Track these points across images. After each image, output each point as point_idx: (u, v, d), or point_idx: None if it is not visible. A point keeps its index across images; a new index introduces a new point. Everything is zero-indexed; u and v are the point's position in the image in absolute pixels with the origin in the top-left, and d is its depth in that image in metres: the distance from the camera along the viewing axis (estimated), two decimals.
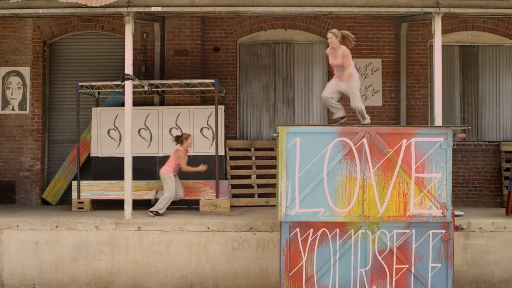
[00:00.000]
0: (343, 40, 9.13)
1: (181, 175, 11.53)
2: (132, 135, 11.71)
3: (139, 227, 9.74)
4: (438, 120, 9.86)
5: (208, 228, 9.73)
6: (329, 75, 12.41)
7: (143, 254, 9.68)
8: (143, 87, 11.23)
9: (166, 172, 10.58)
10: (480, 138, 12.56)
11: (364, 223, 8.73)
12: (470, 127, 10.54)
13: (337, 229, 8.77)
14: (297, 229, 8.75)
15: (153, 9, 9.84)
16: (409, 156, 8.73)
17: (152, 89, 11.33)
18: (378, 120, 12.27)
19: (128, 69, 9.91)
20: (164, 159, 11.80)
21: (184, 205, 11.60)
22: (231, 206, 11.71)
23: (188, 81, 11.11)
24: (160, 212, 10.42)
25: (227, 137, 12.12)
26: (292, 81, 12.45)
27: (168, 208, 11.46)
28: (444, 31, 12.46)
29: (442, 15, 9.88)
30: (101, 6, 9.71)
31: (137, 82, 10.41)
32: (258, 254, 9.69)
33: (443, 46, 12.46)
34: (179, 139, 10.59)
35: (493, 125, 12.60)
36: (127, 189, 9.97)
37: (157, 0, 9.81)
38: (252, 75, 12.49)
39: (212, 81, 11.02)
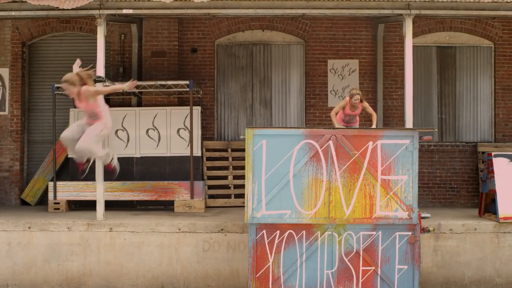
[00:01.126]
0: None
1: (159, 176, 11.65)
2: (109, 136, 11.88)
3: (110, 228, 9.80)
4: (409, 122, 9.88)
5: (179, 229, 9.79)
6: (306, 76, 12.46)
7: (114, 255, 9.74)
8: None
9: None
10: (458, 139, 12.57)
11: (330, 225, 8.78)
12: (436, 129, 10.54)
13: (304, 231, 8.82)
14: (264, 231, 8.81)
15: (124, 11, 9.91)
16: (375, 159, 8.77)
17: (127, 90, 11.34)
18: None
19: (100, 71, 9.96)
20: (141, 160, 11.90)
21: (161, 206, 11.67)
22: (208, 207, 11.78)
23: (163, 82, 11.17)
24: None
25: (204, 138, 12.17)
26: (269, 82, 12.48)
27: (143, 209, 11.57)
28: (422, 32, 12.51)
29: (413, 16, 9.91)
30: (72, 9, 9.77)
31: (109, 83, 10.44)
32: (229, 255, 9.73)
33: (421, 47, 12.61)
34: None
35: (470, 126, 12.61)
36: (99, 190, 10.03)
37: (129, 3, 9.88)
38: (230, 76, 12.53)
39: (187, 82, 11.07)
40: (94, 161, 8.87)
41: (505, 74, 12.51)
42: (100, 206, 10.01)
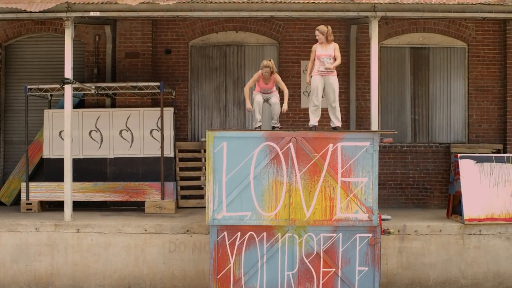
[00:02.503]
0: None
1: (132, 177, 11.71)
2: (83, 137, 12.02)
3: (78, 229, 9.88)
4: (374, 124, 9.91)
5: (146, 230, 9.86)
6: (280, 77, 12.43)
7: (82, 256, 9.82)
8: (91, 89, 11.34)
9: None
10: (431, 139, 12.58)
11: (291, 227, 8.84)
12: (396, 132, 10.53)
13: (265, 233, 8.89)
14: (225, 232, 8.88)
15: (91, 13, 9.96)
16: (335, 161, 8.81)
17: (99, 91, 11.45)
18: (328, 121, 12.22)
19: (67, 73, 10.03)
20: (115, 161, 11.97)
21: (134, 206, 11.73)
22: (180, 207, 11.85)
23: (134, 84, 11.22)
24: None
25: (178, 139, 12.22)
26: (243, 83, 12.48)
27: (116, 209, 11.64)
28: (395, 33, 12.53)
29: (379, 18, 9.92)
30: (40, 11, 9.83)
31: (77, 85, 10.52)
32: (195, 256, 9.81)
33: (394, 48, 12.64)
34: None
35: (443, 127, 12.62)
36: (66, 191, 10.11)
37: (96, 5, 9.92)
38: (204, 77, 12.57)
39: (158, 83, 11.13)
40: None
41: (479, 75, 12.50)
42: (68, 207, 10.09)
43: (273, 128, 9.66)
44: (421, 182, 12.42)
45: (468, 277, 9.83)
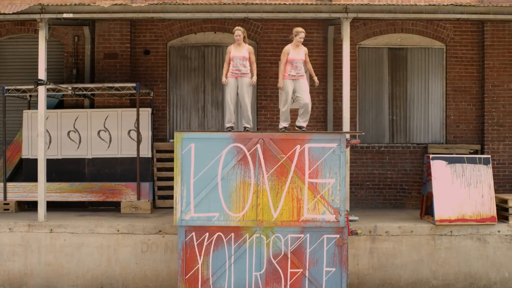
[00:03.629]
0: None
1: (110, 177, 11.77)
2: (61, 138, 12.08)
3: (51, 229, 9.95)
4: (346, 125, 9.94)
5: (118, 230, 9.92)
6: (258, 77, 12.43)
7: (55, 256, 9.89)
8: (67, 90, 11.40)
9: None
10: (409, 140, 12.60)
11: (258, 228, 8.88)
12: (363, 133, 10.59)
13: (232, 233, 8.94)
14: (193, 233, 8.93)
15: (65, 15, 10.01)
16: (302, 162, 8.86)
17: (76, 92, 11.51)
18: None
19: (41, 74, 10.08)
20: (93, 161, 12.03)
21: (112, 206, 11.79)
22: (158, 208, 11.91)
23: (110, 84, 11.28)
24: None
25: (156, 139, 12.28)
26: (221, 84, 12.49)
27: (94, 209, 11.71)
28: (373, 34, 12.55)
29: (351, 20, 9.95)
30: (14, 13, 9.90)
31: (51, 86, 10.58)
32: (167, 257, 9.86)
33: (372, 48, 12.66)
34: None
35: (421, 127, 12.63)
36: (40, 192, 10.18)
37: (69, 7, 10.00)
38: (182, 77, 12.62)
39: (134, 84, 11.19)
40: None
41: (457, 75, 12.51)
42: (41, 208, 10.16)
43: (244, 129, 9.69)
44: (398, 183, 12.44)
45: (439, 277, 9.86)
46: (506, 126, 12.34)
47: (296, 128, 9.62)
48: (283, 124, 9.64)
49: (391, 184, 12.44)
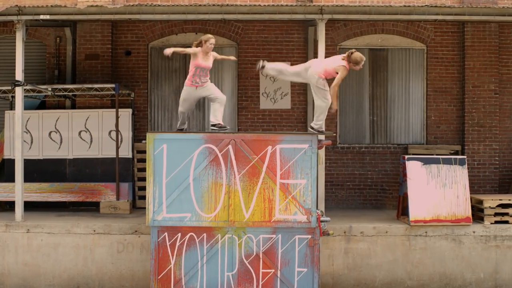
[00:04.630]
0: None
1: (87, 177, 11.84)
2: (43, 138, 12.15)
3: (28, 229, 10.01)
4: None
5: (94, 230, 9.98)
6: (239, 78, 12.58)
7: (32, 256, 9.96)
8: (47, 91, 11.47)
9: None
10: (389, 141, 12.62)
11: (230, 228, 8.92)
12: (335, 134, 10.59)
13: (205, 234, 8.98)
14: (166, 233, 8.97)
15: (42, 17, 10.07)
16: (274, 163, 8.89)
17: (56, 93, 11.58)
18: (287, 123, 12.40)
19: (18, 75, 10.14)
20: (74, 162, 12.09)
21: (93, 206, 11.84)
22: (138, 208, 11.96)
23: (89, 85, 11.34)
24: None
25: (137, 140, 12.29)
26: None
27: (75, 209, 11.77)
28: (354, 34, 12.57)
29: (326, 21, 9.98)
30: None
31: (29, 87, 10.65)
32: (143, 256, 9.92)
33: (353, 49, 12.61)
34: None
35: (402, 128, 12.65)
36: (17, 192, 10.24)
37: (46, 9, 10.07)
38: (163, 78, 12.67)
39: (113, 85, 11.24)
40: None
41: (437, 76, 12.53)
42: (19, 208, 10.22)
43: (218, 126, 9.47)
44: (379, 183, 12.47)
45: (414, 278, 9.89)
46: (486, 127, 12.36)
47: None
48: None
49: (372, 184, 12.47)
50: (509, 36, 12.58)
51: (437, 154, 11.94)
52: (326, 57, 12.11)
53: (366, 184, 12.48)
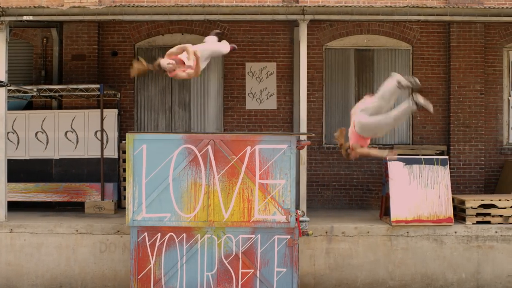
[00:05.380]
0: None
1: (73, 177, 11.90)
2: (29, 138, 12.20)
3: (11, 229, 10.05)
4: (303, 127, 10.00)
5: (77, 230, 10.02)
6: (225, 79, 12.61)
7: (15, 256, 9.99)
8: (32, 91, 11.53)
9: None
10: (375, 141, 12.60)
11: (210, 228, 8.95)
12: (313, 134, 10.61)
13: (184, 234, 9.02)
14: (145, 233, 9.01)
15: (25, 17, 10.12)
16: (253, 163, 8.93)
17: (41, 93, 11.64)
18: (272, 123, 12.43)
19: (1, 75, 10.18)
20: (60, 162, 12.15)
21: (79, 207, 11.88)
22: (122, 208, 11.95)
23: (74, 86, 11.38)
24: None
25: (123, 140, 12.34)
26: (188, 85, 12.64)
27: (58, 210, 11.79)
28: (340, 35, 12.60)
29: (308, 22, 10.01)
30: None
31: (13, 87, 10.70)
32: (125, 256, 9.94)
33: (338, 49, 12.72)
34: None
35: None
36: (0, 192, 10.26)
37: (29, 10, 10.12)
38: (149, 79, 12.70)
39: (98, 86, 11.28)
40: None
41: (423, 76, 12.51)
42: (2, 208, 10.25)
43: None
44: (364, 184, 12.49)
45: (396, 278, 9.91)
46: (472, 127, 12.37)
47: None
48: None
49: (357, 184, 12.49)
50: (495, 36, 12.60)
51: (422, 154, 11.93)
52: (308, 58, 12.26)
53: (351, 184, 12.49)
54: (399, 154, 11.97)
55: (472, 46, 12.34)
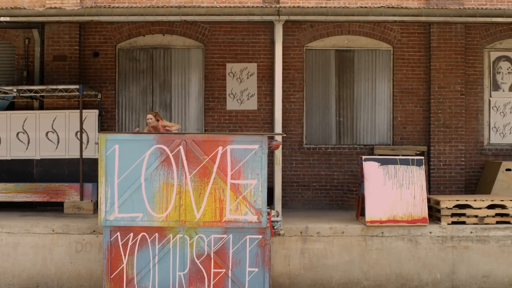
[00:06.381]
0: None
1: (54, 178, 11.98)
2: (10, 139, 12.26)
3: None
4: (278, 127, 10.04)
5: (53, 230, 10.06)
6: (206, 79, 12.64)
7: None
8: (12, 92, 11.58)
9: None
10: (356, 141, 12.65)
11: (182, 228, 9.00)
12: (285, 134, 10.62)
13: (156, 234, 9.06)
14: (118, 233, 9.06)
15: (1, 19, 10.19)
16: (225, 163, 8.96)
17: (21, 94, 11.70)
18: (253, 124, 12.46)
19: None
20: (41, 162, 12.21)
21: (59, 207, 11.92)
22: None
23: (54, 86, 11.42)
24: None
25: None
26: (169, 86, 12.69)
27: (38, 210, 11.83)
28: (320, 36, 12.62)
29: (283, 22, 10.05)
30: None
31: None
32: (101, 256, 9.95)
33: (319, 50, 12.73)
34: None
35: (368, 129, 12.68)
36: None
37: (6, 11, 10.22)
38: (131, 79, 12.75)
39: (77, 86, 11.32)
40: None
41: (404, 77, 12.56)
42: None
43: None
44: (345, 184, 12.50)
45: (370, 278, 9.91)
46: (452, 128, 12.38)
47: None
48: None
49: (338, 185, 12.51)
50: (476, 37, 12.61)
51: (403, 155, 11.97)
52: (284, 59, 12.31)
53: (332, 184, 12.52)
54: (379, 155, 12.08)
55: (452, 46, 12.36)
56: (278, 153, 10.06)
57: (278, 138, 9.80)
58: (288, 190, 12.50)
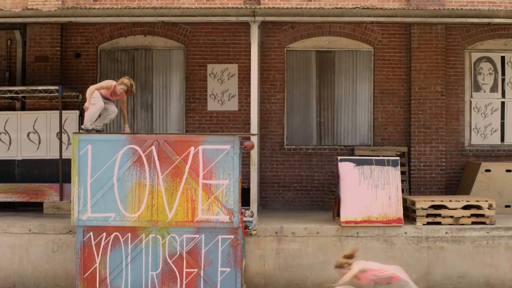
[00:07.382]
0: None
1: (34, 178, 12.02)
2: None
3: None
4: (253, 128, 10.07)
5: (30, 230, 10.11)
6: (187, 80, 12.68)
7: None
8: None
9: None
10: (336, 142, 12.68)
11: (154, 228, 9.04)
12: (257, 134, 10.63)
13: (129, 233, 9.11)
14: (91, 233, 9.12)
15: None
16: (197, 163, 9.01)
17: (2, 95, 11.77)
18: (234, 124, 12.48)
19: None
20: (22, 163, 12.27)
21: (40, 207, 11.97)
22: None
23: (34, 87, 11.49)
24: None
25: None
26: (150, 87, 12.73)
27: (19, 210, 11.88)
28: (301, 37, 12.66)
29: (259, 23, 10.09)
30: None
31: None
32: None
33: (300, 51, 12.78)
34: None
35: (349, 130, 12.70)
36: None
37: None
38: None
39: (57, 87, 11.38)
40: None
41: (384, 78, 12.58)
42: None
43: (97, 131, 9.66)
44: (326, 185, 12.52)
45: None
46: (432, 129, 12.39)
47: None
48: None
49: (319, 186, 12.53)
50: (457, 37, 12.62)
51: (383, 156, 11.94)
52: (261, 59, 12.31)
53: (313, 185, 12.54)
54: (360, 155, 12.08)
55: (433, 47, 12.38)
56: (254, 154, 10.08)
57: (254, 138, 9.85)
58: (269, 190, 12.53)
